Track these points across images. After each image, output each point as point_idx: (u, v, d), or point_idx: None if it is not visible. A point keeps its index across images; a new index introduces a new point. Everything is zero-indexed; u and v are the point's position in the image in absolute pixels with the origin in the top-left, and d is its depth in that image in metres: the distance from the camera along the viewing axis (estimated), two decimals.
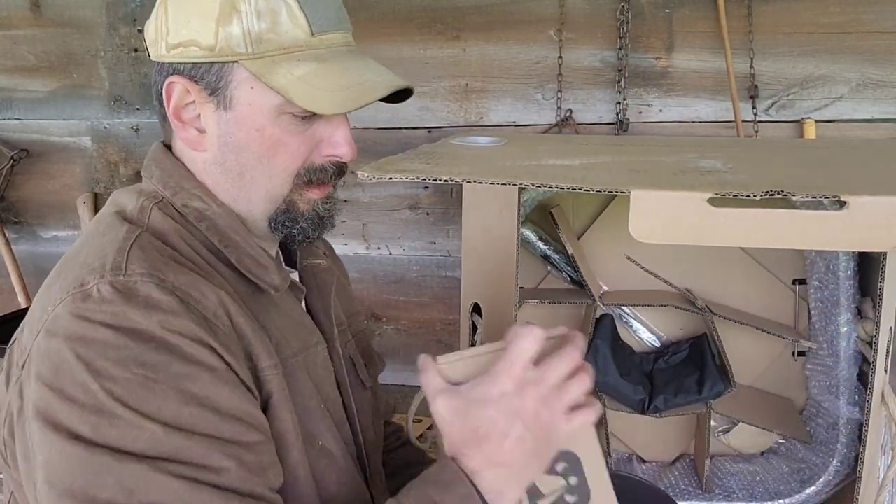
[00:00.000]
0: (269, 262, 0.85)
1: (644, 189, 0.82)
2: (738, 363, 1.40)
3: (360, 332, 1.06)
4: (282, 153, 0.83)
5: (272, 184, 0.84)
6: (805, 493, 1.34)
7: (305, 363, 0.85)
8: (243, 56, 0.79)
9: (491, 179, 0.93)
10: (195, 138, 0.84)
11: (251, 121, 0.82)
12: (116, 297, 0.70)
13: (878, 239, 0.80)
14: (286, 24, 0.80)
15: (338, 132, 0.85)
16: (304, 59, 0.81)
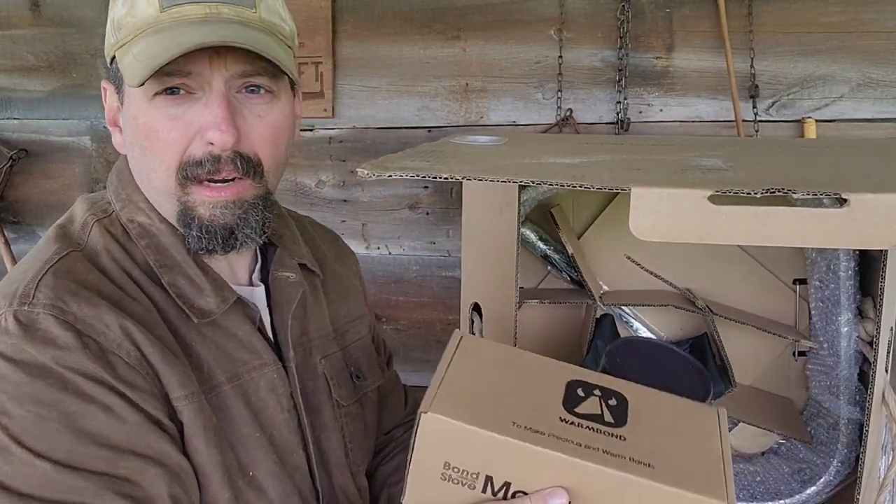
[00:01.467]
0: (207, 284, 0.80)
1: (645, 187, 0.82)
2: (738, 363, 1.40)
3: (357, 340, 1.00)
4: (156, 142, 0.76)
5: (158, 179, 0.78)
6: (805, 493, 1.34)
7: (242, 389, 0.81)
8: (115, 46, 0.78)
9: (491, 177, 0.93)
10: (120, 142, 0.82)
11: (130, 111, 0.77)
12: (17, 330, 0.68)
13: (879, 237, 0.79)
14: (141, 3, 0.75)
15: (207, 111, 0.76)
16: (146, 35, 0.75)
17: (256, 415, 0.81)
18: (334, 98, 1.99)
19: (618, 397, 0.74)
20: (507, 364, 0.76)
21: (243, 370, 0.81)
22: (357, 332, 1.02)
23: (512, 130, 1.92)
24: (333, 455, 0.90)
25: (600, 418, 0.71)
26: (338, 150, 2.02)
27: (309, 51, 1.97)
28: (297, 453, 0.84)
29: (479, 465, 0.68)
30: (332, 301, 0.98)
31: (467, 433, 0.67)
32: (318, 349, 0.92)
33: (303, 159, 2.04)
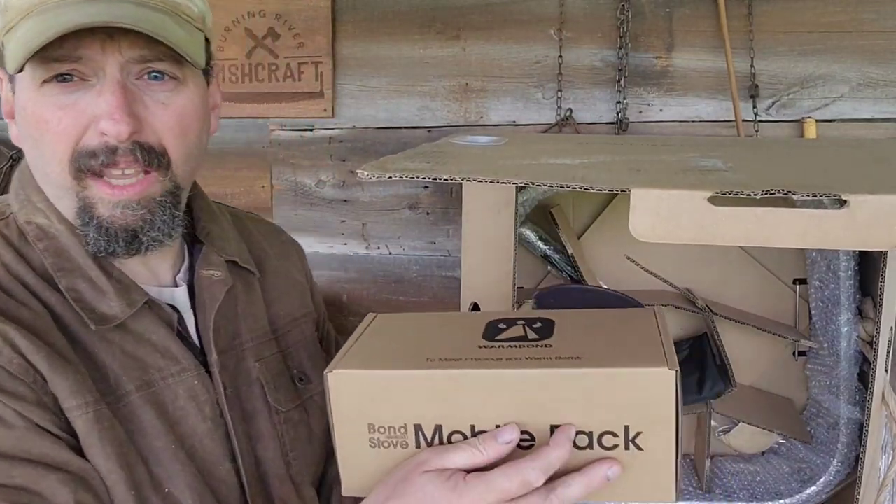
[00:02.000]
0: (110, 287, 0.74)
1: (644, 188, 0.82)
2: (738, 363, 1.40)
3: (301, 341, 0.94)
4: (46, 133, 0.70)
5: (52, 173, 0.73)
6: (805, 493, 1.34)
7: (156, 398, 0.75)
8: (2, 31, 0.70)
9: (491, 178, 0.93)
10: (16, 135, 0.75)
11: (20, 100, 0.71)
12: None
13: (879, 238, 0.80)
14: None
15: (100, 99, 0.70)
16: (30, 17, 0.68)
17: (174, 425, 0.75)
18: (334, 98, 1.99)
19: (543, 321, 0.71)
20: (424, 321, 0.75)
21: (157, 377, 0.75)
22: (301, 332, 0.94)
23: (512, 130, 1.92)
24: (271, 465, 0.83)
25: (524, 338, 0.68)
26: (338, 150, 2.02)
27: (309, 51, 1.97)
28: (223, 466, 0.78)
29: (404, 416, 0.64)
30: (272, 300, 0.91)
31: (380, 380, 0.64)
32: (251, 352, 0.85)
33: (303, 159, 2.04)
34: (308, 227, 2.06)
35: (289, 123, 2.03)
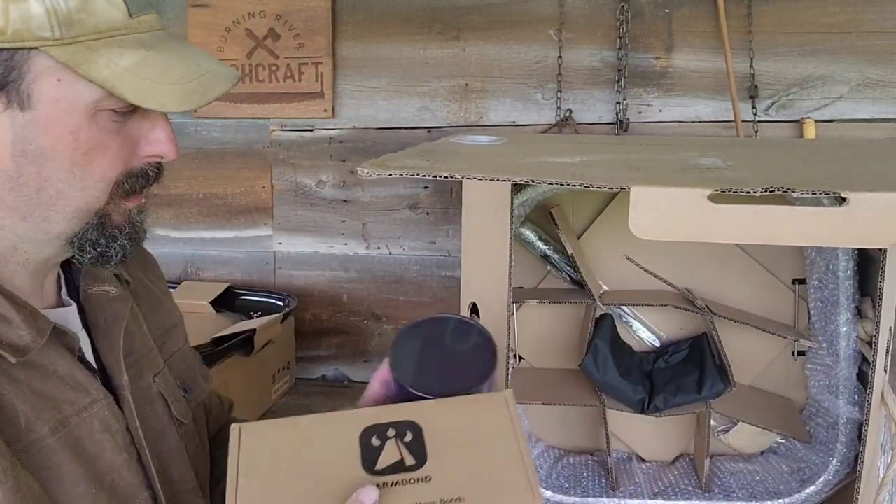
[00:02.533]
0: (15, 314, 0.67)
1: (644, 186, 0.82)
2: (737, 363, 1.40)
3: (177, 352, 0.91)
4: (100, 159, 0.68)
5: (86, 197, 0.69)
6: (805, 493, 1.34)
7: (72, 437, 0.69)
8: (48, 41, 0.62)
9: (491, 176, 0.93)
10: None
11: (61, 122, 0.65)
12: None
13: (878, 235, 0.80)
14: (100, 2, 0.65)
15: (157, 128, 0.71)
16: (127, 46, 0.66)
17: (91, 464, 0.70)
18: (334, 98, 1.99)
19: (411, 428, 0.72)
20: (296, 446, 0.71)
21: (71, 413, 0.69)
22: (175, 343, 0.91)
23: (511, 131, 1.92)
24: (183, 482, 0.81)
25: (402, 465, 0.70)
26: (338, 150, 2.02)
27: (309, 51, 1.97)
28: (140, 496, 0.74)
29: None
30: (145, 312, 0.86)
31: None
32: (147, 367, 0.81)
33: (303, 159, 2.04)
34: (308, 227, 2.06)
35: (289, 124, 2.03)
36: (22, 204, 0.67)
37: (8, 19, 0.61)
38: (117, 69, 0.64)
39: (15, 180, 0.66)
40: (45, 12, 0.62)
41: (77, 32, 0.63)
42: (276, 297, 1.99)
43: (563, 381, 1.49)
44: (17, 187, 0.66)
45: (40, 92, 0.64)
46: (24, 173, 0.66)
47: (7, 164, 0.65)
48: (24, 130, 0.65)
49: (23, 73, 0.63)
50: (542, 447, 1.53)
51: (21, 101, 0.64)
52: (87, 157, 0.67)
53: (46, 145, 0.65)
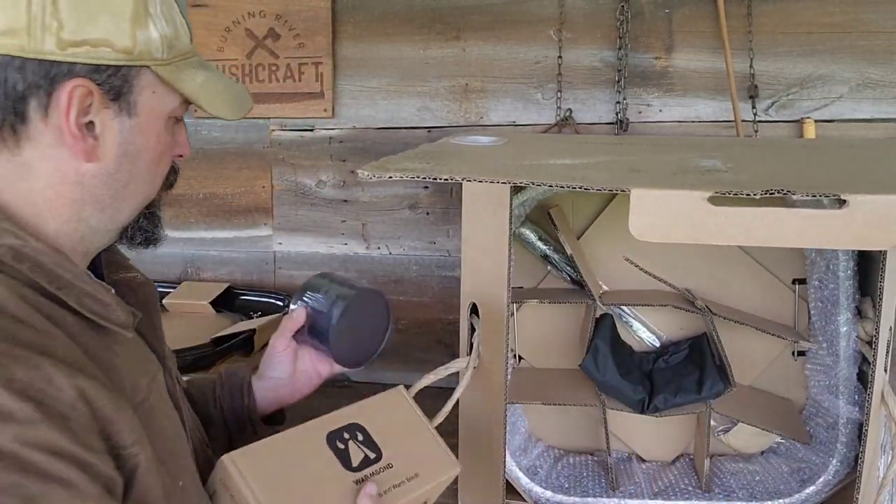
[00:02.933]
0: (109, 296, 0.75)
1: (644, 188, 0.82)
2: (737, 363, 1.40)
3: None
4: (165, 158, 0.82)
5: (151, 189, 0.82)
6: (805, 493, 1.34)
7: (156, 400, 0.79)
8: (158, 61, 0.76)
9: (491, 178, 0.93)
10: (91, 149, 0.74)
11: (152, 128, 0.78)
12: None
13: (878, 237, 0.80)
14: (180, 28, 0.79)
15: (184, 132, 0.86)
16: (196, 67, 0.81)
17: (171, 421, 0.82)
18: (334, 98, 1.99)
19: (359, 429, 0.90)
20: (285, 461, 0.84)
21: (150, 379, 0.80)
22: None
23: (512, 131, 1.92)
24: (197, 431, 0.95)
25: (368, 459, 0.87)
26: (338, 150, 2.02)
27: (309, 51, 1.97)
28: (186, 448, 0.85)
29: None
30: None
31: None
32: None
33: (303, 159, 2.04)
34: (308, 227, 2.06)
35: (289, 124, 2.03)
36: (107, 196, 0.77)
37: (135, 41, 0.74)
38: (195, 85, 0.79)
39: (111, 176, 0.77)
40: (159, 37, 0.76)
41: (173, 55, 0.78)
42: (276, 297, 1.99)
43: (563, 381, 1.49)
44: (111, 182, 0.77)
45: (142, 102, 0.76)
46: (120, 170, 0.77)
47: (109, 163, 0.76)
48: (128, 134, 0.77)
49: (132, 86, 0.75)
50: (542, 447, 1.54)
51: (129, 110, 0.76)
52: (161, 156, 0.81)
53: (141, 147, 0.78)
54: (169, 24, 0.77)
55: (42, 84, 0.70)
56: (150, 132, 0.78)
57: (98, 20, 0.72)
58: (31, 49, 0.69)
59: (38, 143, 0.73)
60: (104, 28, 0.72)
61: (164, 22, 0.76)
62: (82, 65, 0.71)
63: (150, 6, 0.75)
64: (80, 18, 0.71)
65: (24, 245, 0.72)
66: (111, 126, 0.75)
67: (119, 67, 0.73)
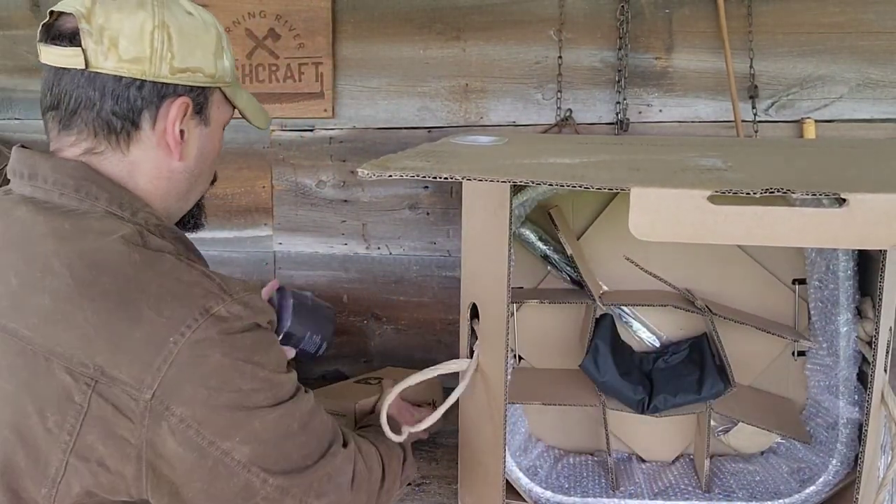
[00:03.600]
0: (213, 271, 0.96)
1: (644, 187, 0.82)
2: (737, 363, 1.40)
3: None
4: (216, 159, 1.06)
5: (207, 183, 1.08)
6: (805, 493, 1.34)
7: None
8: (226, 83, 1.02)
9: (490, 177, 0.93)
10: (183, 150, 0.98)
11: (216, 134, 1.04)
12: (244, 311, 0.87)
13: (878, 237, 0.80)
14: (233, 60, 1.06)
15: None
16: (239, 88, 1.07)
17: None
18: (334, 98, 1.99)
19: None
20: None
21: None
22: None
23: (512, 131, 1.92)
24: None
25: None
26: (338, 150, 2.02)
27: (309, 51, 1.97)
28: None
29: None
30: None
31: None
32: None
33: (303, 159, 2.04)
34: (308, 228, 2.06)
35: (289, 124, 2.03)
36: (185, 189, 1.01)
37: (216, 69, 0.99)
38: (243, 101, 1.06)
39: (191, 172, 1.01)
40: (230, 66, 1.03)
41: (231, 78, 1.04)
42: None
43: (563, 381, 1.49)
44: (192, 178, 1.02)
45: (212, 115, 1.02)
46: (197, 167, 1.01)
47: (191, 162, 1.00)
48: (204, 139, 1.01)
49: (210, 102, 1.00)
50: (542, 447, 1.53)
51: (206, 120, 1.01)
52: (215, 157, 1.05)
53: (210, 150, 1.03)
54: (230, 55, 1.03)
55: (154, 100, 0.93)
56: (216, 137, 1.04)
57: (195, 53, 0.96)
58: (151, 73, 0.92)
59: (144, 145, 0.95)
60: (199, 59, 0.96)
61: (230, 53, 1.03)
62: (184, 86, 0.95)
63: (223, 42, 1.01)
64: (184, 52, 0.94)
65: (160, 224, 0.95)
66: (194, 133, 0.99)
67: (205, 88, 0.98)
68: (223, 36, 1.02)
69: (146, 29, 0.91)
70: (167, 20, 0.92)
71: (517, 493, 1.36)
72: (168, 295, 0.84)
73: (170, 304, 0.83)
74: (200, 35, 0.96)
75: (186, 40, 0.94)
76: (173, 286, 0.85)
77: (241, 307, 0.87)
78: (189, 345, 0.81)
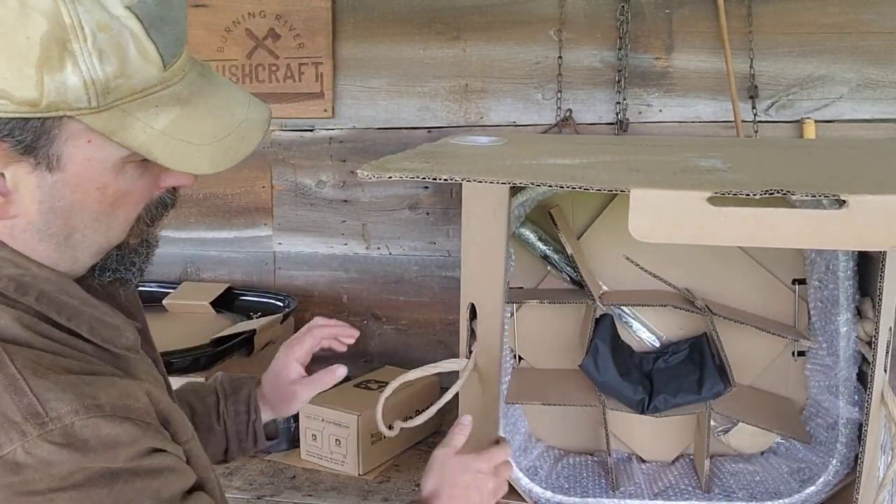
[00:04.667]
0: (117, 318, 0.72)
1: (644, 188, 0.82)
2: (737, 363, 1.40)
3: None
4: (125, 205, 0.70)
5: (108, 237, 0.72)
6: (805, 493, 1.34)
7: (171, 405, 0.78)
8: (84, 111, 0.61)
9: (490, 178, 0.93)
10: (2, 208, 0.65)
11: (90, 180, 0.66)
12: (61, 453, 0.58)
13: (877, 238, 0.80)
14: (136, 61, 0.62)
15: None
16: (163, 104, 0.65)
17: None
18: (334, 98, 1.99)
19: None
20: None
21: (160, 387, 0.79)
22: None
23: (512, 131, 1.92)
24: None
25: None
26: (338, 151, 2.02)
27: (309, 51, 1.97)
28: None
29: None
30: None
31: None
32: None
33: (303, 159, 2.04)
34: (308, 228, 2.06)
35: (289, 124, 2.03)
36: (52, 251, 0.68)
37: (42, 91, 0.59)
38: (153, 132, 0.64)
39: (44, 232, 0.67)
40: (82, 84, 0.60)
41: (113, 98, 0.62)
42: (276, 298, 1.99)
43: (563, 381, 1.49)
44: (46, 238, 0.67)
45: (70, 154, 0.63)
46: (52, 226, 0.67)
47: (35, 218, 0.66)
48: (53, 190, 0.65)
49: (52, 138, 0.62)
50: (542, 447, 1.54)
51: (49, 164, 0.63)
52: (113, 206, 0.68)
53: (74, 201, 0.66)
54: (109, 59, 0.60)
55: None
56: (87, 186, 0.66)
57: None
58: None
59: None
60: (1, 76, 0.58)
61: (95, 59, 0.59)
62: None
63: (72, 43, 0.58)
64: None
65: (25, 274, 0.66)
66: (27, 181, 0.64)
67: (27, 120, 0.60)
68: (77, 30, 0.59)
69: None
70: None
71: (517, 493, 1.36)
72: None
73: None
74: (4, 34, 0.57)
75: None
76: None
77: (54, 447, 0.58)
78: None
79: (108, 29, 0.60)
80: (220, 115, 0.68)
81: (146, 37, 0.62)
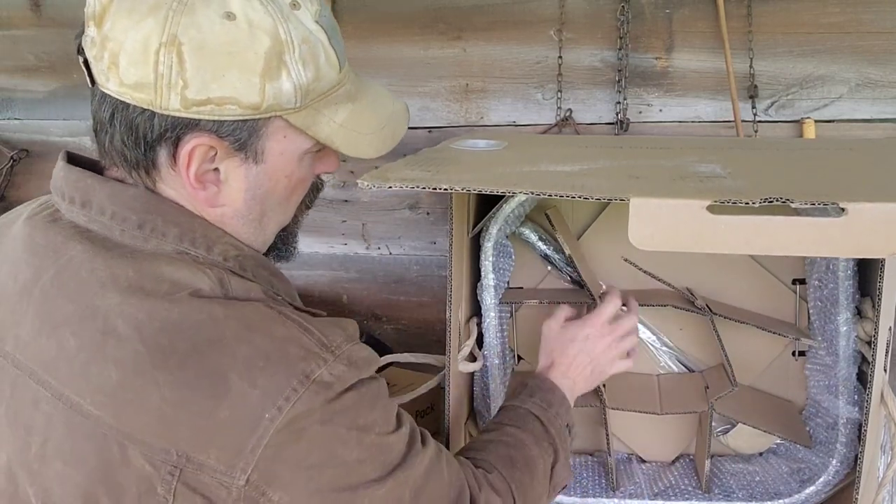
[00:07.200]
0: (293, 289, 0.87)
1: (643, 197, 0.83)
2: (738, 363, 1.41)
3: None
4: (299, 190, 0.86)
5: (284, 219, 0.88)
6: (805, 493, 1.35)
7: None
8: (290, 111, 0.75)
9: (490, 188, 0.94)
10: (213, 196, 0.78)
11: (281, 170, 0.80)
12: (348, 371, 0.74)
13: (877, 246, 0.80)
14: (324, 66, 0.77)
15: (331, 158, 0.89)
16: (340, 101, 0.80)
17: None
18: None
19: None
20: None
21: None
22: None
23: (512, 131, 1.92)
24: None
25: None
26: None
27: None
28: None
29: None
30: None
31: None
32: None
33: None
34: (308, 227, 2.05)
35: None
36: (250, 233, 0.83)
37: (263, 96, 0.73)
38: (335, 126, 0.79)
39: (245, 217, 0.81)
40: (292, 88, 0.74)
41: (309, 99, 0.76)
42: None
43: None
44: (247, 222, 0.82)
45: (270, 148, 0.78)
46: (252, 211, 0.81)
47: (240, 206, 0.80)
48: (255, 179, 0.79)
49: (260, 135, 0.76)
50: None
51: (256, 157, 0.78)
52: (293, 191, 0.84)
53: (269, 188, 0.81)
54: (309, 66, 0.74)
55: (170, 136, 0.73)
56: (280, 174, 0.81)
57: (225, 78, 0.70)
58: (158, 105, 0.71)
59: (173, 183, 0.77)
60: (231, 86, 0.71)
61: (301, 67, 0.74)
62: (204, 121, 0.73)
63: (286, 55, 0.72)
64: (205, 77, 0.70)
65: (240, 255, 0.80)
66: (237, 173, 0.78)
67: (245, 121, 0.74)
68: (289, 44, 0.72)
69: (150, 46, 0.69)
70: (181, 34, 0.68)
71: None
72: (260, 359, 0.69)
73: (263, 370, 0.69)
74: (238, 51, 0.70)
75: (209, 61, 0.69)
76: (266, 346, 0.70)
77: (345, 367, 0.74)
78: (287, 420, 0.68)
79: (308, 41, 0.74)
80: (378, 109, 0.85)
81: (329, 45, 0.77)
